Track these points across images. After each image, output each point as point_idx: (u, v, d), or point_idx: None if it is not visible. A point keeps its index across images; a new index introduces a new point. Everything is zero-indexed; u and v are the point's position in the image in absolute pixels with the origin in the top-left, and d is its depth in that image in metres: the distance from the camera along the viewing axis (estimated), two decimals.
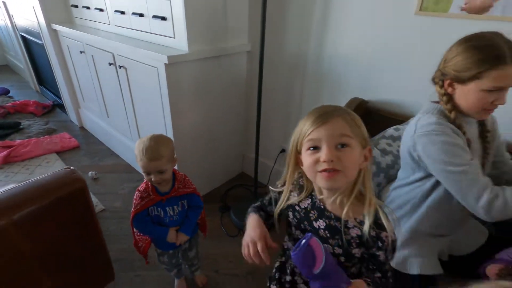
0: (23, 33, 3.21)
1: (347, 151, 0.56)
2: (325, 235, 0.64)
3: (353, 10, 1.28)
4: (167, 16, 1.47)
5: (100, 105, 2.33)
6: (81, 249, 0.95)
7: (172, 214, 1.09)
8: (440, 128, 0.76)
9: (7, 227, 0.72)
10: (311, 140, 0.58)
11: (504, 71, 0.69)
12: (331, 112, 0.57)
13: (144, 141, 0.95)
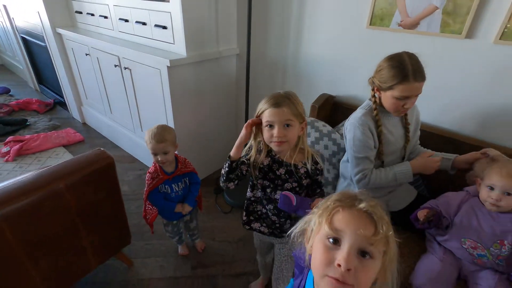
0: (24, 35, 3.40)
1: (290, 129, 0.87)
2: (285, 177, 0.95)
3: (321, 21, 1.58)
4: (167, 26, 1.74)
5: (103, 103, 2.57)
6: (109, 211, 1.23)
7: (177, 190, 1.35)
8: (360, 122, 1.10)
9: (63, 189, 0.99)
10: (268, 121, 0.88)
11: (407, 86, 0.99)
12: (281, 102, 0.86)
13: (153, 129, 1.23)
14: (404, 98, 1.02)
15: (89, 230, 1.17)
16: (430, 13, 1.22)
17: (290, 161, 0.93)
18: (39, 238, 1.00)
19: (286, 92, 0.90)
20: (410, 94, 1.02)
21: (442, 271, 1.01)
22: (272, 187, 0.97)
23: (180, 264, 1.58)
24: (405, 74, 0.99)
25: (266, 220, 1.05)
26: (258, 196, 1.03)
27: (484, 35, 1.14)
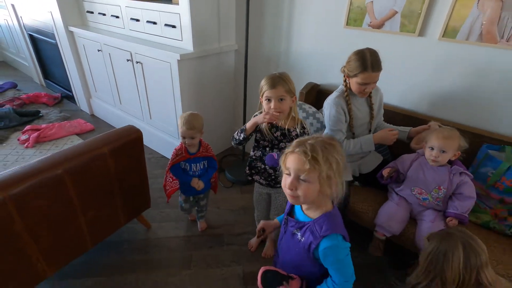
0: (31, 32, 3.61)
1: (284, 103, 1.18)
2: (280, 138, 1.26)
3: (308, 21, 1.88)
4: (176, 25, 2.02)
5: (113, 94, 2.83)
6: (137, 176, 1.51)
7: (195, 170, 1.57)
8: (334, 102, 1.41)
9: (107, 154, 1.28)
10: (267, 96, 1.18)
11: (367, 74, 1.30)
12: (276, 83, 1.16)
13: (185, 116, 1.44)
14: (364, 84, 1.33)
15: (122, 191, 1.45)
16: (392, 16, 1.54)
17: (284, 126, 1.24)
18: (88, 192, 1.28)
19: (281, 73, 1.20)
20: (369, 81, 1.33)
21: (397, 212, 1.33)
22: (270, 147, 1.28)
23: (191, 226, 1.88)
24: (365, 66, 1.29)
25: (264, 174, 1.36)
26: (258, 155, 1.34)
27: (431, 34, 1.47)
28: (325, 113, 1.47)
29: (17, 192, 1.03)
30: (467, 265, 0.87)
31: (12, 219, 1.04)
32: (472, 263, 0.87)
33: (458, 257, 0.87)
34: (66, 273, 1.52)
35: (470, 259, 0.87)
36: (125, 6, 2.34)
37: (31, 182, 1.06)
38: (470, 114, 1.51)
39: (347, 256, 0.84)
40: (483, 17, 1.31)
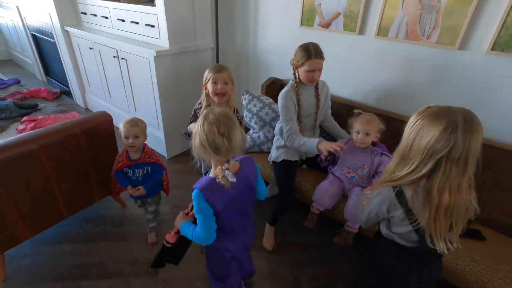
0: (34, 32, 3.89)
1: (228, 86, 1.38)
2: None
3: (270, 20, 2.08)
4: (155, 25, 2.24)
5: (104, 89, 3.06)
6: (108, 156, 1.72)
7: (138, 176, 1.55)
8: (285, 95, 1.55)
9: (76, 134, 1.49)
10: (213, 78, 1.39)
11: (312, 61, 1.45)
12: (221, 69, 1.38)
13: (127, 119, 1.47)
14: (311, 71, 1.47)
15: (96, 168, 1.66)
16: (336, 16, 1.73)
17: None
18: (63, 166, 1.49)
19: (222, 64, 1.41)
20: (314, 68, 1.47)
21: (329, 189, 1.51)
22: None
23: (163, 204, 2.08)
24: (310, 54, 1.44)
25: None
26: None
27: (369, 32, 1.65)
28: (278, 105, 1.61)
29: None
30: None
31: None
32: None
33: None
34: (46, 240, 1.74)
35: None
36: (113, 8, 2.57)
37: (9, 153, 1.28)
38: (404, 104, 1.68)
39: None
40: (408, 18, 1.49)
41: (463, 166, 0.75)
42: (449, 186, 0.77)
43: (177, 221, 1.09)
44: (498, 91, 1.38)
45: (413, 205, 0.82)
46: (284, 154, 1.64)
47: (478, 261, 1.22)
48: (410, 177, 0.81)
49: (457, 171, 0.75)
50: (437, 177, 0.77)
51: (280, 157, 1.65)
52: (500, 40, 1.29)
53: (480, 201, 1.37)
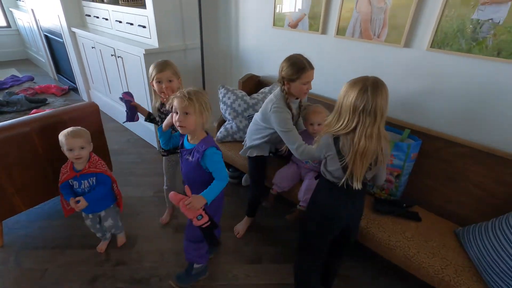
0: (46, 33, 4.21)
1: (173, 83, 1.47)
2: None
3: (248, 21, 2.25)
4: (146, 25, 2.45)
5: (104, 85, 3.32)
6: (97, 140, 1.92)
7: (84, 187, 1.47)
8: (281, 106, 1.43)
9: (65, 121, 1.70)
10: (158, 78, 1.44)
11: (307, 73, 1.39)
12: (164, 67, 1.43)
13: (67, 129, 1.40)
14: (307, 83, 1.43)
15: None
16: (302, 18, 1.88)
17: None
18: (53, 147, 1.70)
19: (166, 60, 1.49)
20: (309, 79, 1.43)
21: (287, 174, 1.66)
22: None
23: (159, 184, 2.27)
24: (304, 66, 1.38)
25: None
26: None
27: (330, 32, 1.79)
28: (275, 117, 1.45)
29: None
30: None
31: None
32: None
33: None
34: (40, 214, 1.97)
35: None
36: (112, 10, 2.81)
37: (6, 134, 1.51)
38: None
39: (221, 161, 1.22)
40: (361, 18, 1.63)
41: (374, 118, 1.00)
42: (365, 134, 1.01)
43: (193, 207, 1.14)
44: (438, 83, 1.49)
45: (343, 148, 1.06)
46: (257, 150, 1.74)
47: (409, 238, 1.34)
48: (343, 131, 1.05)
49: (369, 121, 1.00)
50: (358, 128, 1.02)
51: (253, 153, 1.76)
52: (437, 38, 1.41)
53: (427, 187, 1.50)
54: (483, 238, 1.20)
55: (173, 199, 1.16)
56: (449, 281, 1.19)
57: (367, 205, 1.53)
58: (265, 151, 1.72)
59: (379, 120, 1.00)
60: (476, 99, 1.40)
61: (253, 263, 1.70)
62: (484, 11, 1.26)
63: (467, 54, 1.35)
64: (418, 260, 1.26)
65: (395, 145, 1.47)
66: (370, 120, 0.99)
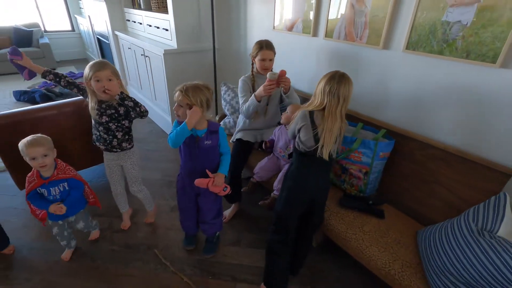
0: (98, 36, 4.84)
1: (113, 81, 1.42)
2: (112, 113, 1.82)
3: (253, 25, 2.42)
4: (168, 29, 2.76)
5: (137, 82, 3.74)
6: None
7: (54, 194, 1.44)
8: (242, 79, 1.86)
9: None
10: (96, 77, 1.39)
11: (263, 52, 1.75)
12: (103, 66, 1.40)
13: (26, 138, 1.36)
14: (263, 60, 1.78)
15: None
16: (297, 21, 1.99)
17: (113, 101, 1.52)
18: (76, 129, 2.05)
19: (103, 60, 1.47)
20: (266, 57, 1.77)
21: (266, 165, 1.79)
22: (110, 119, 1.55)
23: (154, 171, 2.55)
24: (261, 46, 1.76)
25: (100, 140, 1.62)
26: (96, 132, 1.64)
27: (320, 34, 1.88)
28: (239, 85, 1.89)
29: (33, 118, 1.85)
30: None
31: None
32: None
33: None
34: None
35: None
36: (145, 16, 3.19)
37: (39, 114, 1.88)
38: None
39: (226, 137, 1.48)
40: (345, 21, 1.70)
41: (337, 99, 1.23)
42: (331, 112, 1.24)
43: (218, 183, 1.43)
44: (413, 84, 1.50)
45: (316, 120, 1.28)
46: (239, 134, 1.95)
47: (366, 232, 1.38)
48: (317, 108, 1.28)
49: (334, 102, 1.23)
50: (327, 106, 1.25)
51: (235, 137, 1.97)
52: (412, 40, 1.43)
53: (400, 187, 1.54)
54: (433, 237, 1.20)
55: (200, 183, 1.40)
56: (394, 274, 1.21)
57: (334, 199, 1.59)
58: (248, 136, 1.88)
59: (341, 103, 1.23)
60: (449, 102, 1.39)
61: (233, 246, 1.84)
62: (453, 13, 1.27)
63: (439, 56, 1.36)
64: (369, 253, 1.31)
65: (362, 142, 1.51)
66: (335, 101, 1.23)
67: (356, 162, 1.55)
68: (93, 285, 1.57)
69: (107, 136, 1.60)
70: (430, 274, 1.12)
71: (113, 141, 1.62)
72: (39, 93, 3.96)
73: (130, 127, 1.68)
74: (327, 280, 1.62)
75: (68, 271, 1.64)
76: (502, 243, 0.94)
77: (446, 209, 1.41)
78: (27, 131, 1.83)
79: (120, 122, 1.60)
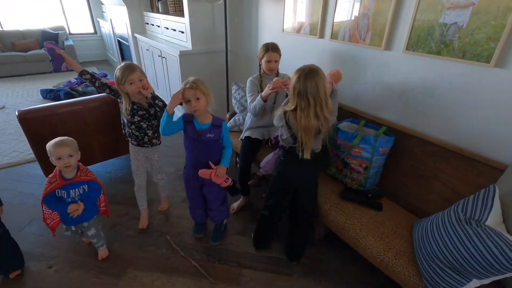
0: (118, 38, 5.10)
1: (144, 80, 1.58)
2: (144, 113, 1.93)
3: (264, 28, 2.53)
4: (184, 31, 2.92)
5: (154, 81, 3.93)
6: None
7: (74, 196, 1.45)
8: (250, 80, 1.96)
9: (109, 102, 2.20)
10: (130, 80, 1.53)
11: (268, 54, 1.86)
12: (133, 68, 1.54)
13: (53, 140, 1.39)
14: (269, 61, 1.88)
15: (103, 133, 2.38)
16: (304, 24, 2.09)
17: (143, 102, 1.68)
18: (99, 124, 2.23)
19: (130, 63, 1.58)
20: (271, 59, 1.86)
21: (272, 159, 1.88)
22: (144, 116, 1.70)
23: (167, 165, 2.70)
24: (267, 49, 1.85)
25: (132, 136, 1.77)
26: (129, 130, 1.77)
27: (326, 36, 1.97)
28: (247, 85, 2.02)
29: (60, 113, 2.03)
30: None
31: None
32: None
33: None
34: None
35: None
36: (162, 19, 3.38)
37: (65, 109, 2.06)
38: (350, 97, 1.93)
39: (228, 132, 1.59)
40: (350, 23, 1.78)
41: (307, 101, 1.27)
42: (304, 114, 1.27)
43: (220, 174, 1.52)
44: (412, 84, 1.57)
45: (289, 121, 1.35)
46: (248, 132, 2.06)
47: (364, 223, 1.46)
48: (290, 109, 1.34)
49: (305, 104, 1.27)
50: (298, 109, 1.30)
51: (244, 135, 2.07)
52: (411, 41, 1.50)
53: (400, 182, 1.61)
54: (425, 227, 1.27)
55: (204, 173, 1.52)
56: (387, 262, 1.28)
57: (335, 192, 1.67)
58: (257, 134, 1.99)
59: (313, 103, 1.25)
60: (446, 100, 1.45)
61: (240, 235, 1.95)
62: (450, 15, 1.33)
63: (436, 56, 1.42)
64: (365, 242, 1.38)
65: (362, 138, 1.59)
66: (305, 103, 1.26)
67: (356, 157, 1.62)
68: (109, 265, 1.71)
69: (138, 133, 1.75)
70: (421, 261, 1.19)
71: (144, 138, 1.78)
72: (63, 92, 4.23)
73: (158, 125, 1.76)
74: (327, 271, 1.69)
75: (87, 251, 1.80)
76: (487, 230, 1.00)
77: (443, 203, 1.46)
78: (55, 124, 2.04)
79: (150, 121, 1.76)
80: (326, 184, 1.74)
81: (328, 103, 1.31)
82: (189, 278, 1.64)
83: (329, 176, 1.82)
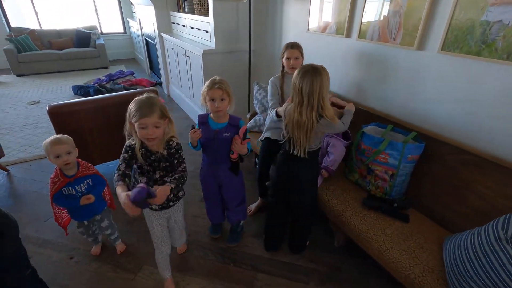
0: (146, 37, 5.24)
1: (159, 129, 1.18)
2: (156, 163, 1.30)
3: (289, 28, 2.48)
4: (208, 30, 2.93)
5: (178, 80, 3.99)
6: None
7: (81, 190, 1.47)
8: (271, 81, 1.90)
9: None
10: (142, 124, 1.13)
11: (288, 50, 1.79)
12: (151, 111, 1.13)
13: (49, 138, 1.38)
14: (288, 59, 1.82)
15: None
16: (330, 23, 2.02)
17: (159, 149, 1.25)
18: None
19: (151, 99, 1.18)
20: (291, 56, 1.79)
21: None
22: (151, 170, 1.28)
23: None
24: (287, 46, 1.80)
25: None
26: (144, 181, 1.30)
27: (353, 35, 1.88)
28: (268, 87, 1.99)
29: (86, 108, 2.10)
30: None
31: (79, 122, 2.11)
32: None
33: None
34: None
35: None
36: (188, 18, 3.41)
37: (90, 105, 2.12)
38: (377, 100, 1.83)
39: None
40: (379, 22, 1.69)
41: (301, 97, 1.28)
42: (295, 110, 1.30)
43: (240, 147, 1.46)
44: (447, 87, 1.45)
45: (286, 113, 1.39)
46: (268, 133, 2.01)
47: (388, 234, 1.37)
48: (289, 102, 1.39)
49: (299, 99, 1.29)
50: (293, 103, 1.33)
51: (264, 136, 2.02)
52: (448, 41, 1.39)
53: (429, 192, 1.50)
54: (458, 243, 1.16)
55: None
56: (413, 278, 1.19)
57: (358, 199, 1.58)
58: (276, 135, 1.93)
59: (306, 102, 1.27)
60: (485, 105, 1.33)
61: (256, 238, 1.91)
62: (493, 13, 1.22)
63: (476, 57, 1.30)
64: (389, 255, 1.29)
65: (389, 144, 1.49)
66: (299, 99, 1.28)
67: (382, 163, 1.53)
68: (126, 260, 1.74)
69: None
70: (452, 280, 1.09)
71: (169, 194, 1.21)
72: (93, 88, 4.40)
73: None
74: (346, 281, 1.61)
75: (106, 247, 1.83)
76: None
77: (477, 217, 1.34)
78: (80, 118, 2.11)
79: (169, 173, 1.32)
80: (348, 191, 1.66)
81: (326, 107, 1.30)
82: (203, 278, 1.62)
83: (352, 182, 1.73)
